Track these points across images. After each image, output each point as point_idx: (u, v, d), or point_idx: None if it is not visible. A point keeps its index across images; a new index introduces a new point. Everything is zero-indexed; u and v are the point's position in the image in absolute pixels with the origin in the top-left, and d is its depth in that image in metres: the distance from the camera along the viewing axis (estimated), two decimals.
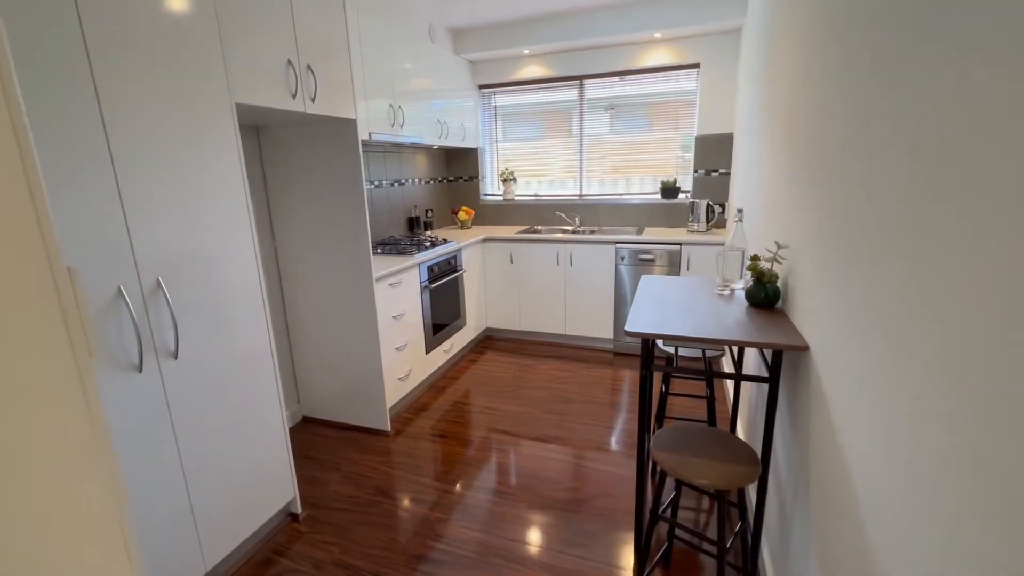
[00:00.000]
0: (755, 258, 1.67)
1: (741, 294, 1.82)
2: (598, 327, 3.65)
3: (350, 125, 2.27)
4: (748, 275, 1.69)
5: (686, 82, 3.64)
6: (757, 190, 2.21)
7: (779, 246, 1.59)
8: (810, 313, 1.31)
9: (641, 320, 1.53)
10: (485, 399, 2.99)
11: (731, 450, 1.37)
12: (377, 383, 2.57)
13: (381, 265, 2.66)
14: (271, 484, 1.87)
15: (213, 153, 1.54)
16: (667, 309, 1.64)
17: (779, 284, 1.64)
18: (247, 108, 1.79)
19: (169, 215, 1.42)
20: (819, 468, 1.16)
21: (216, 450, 1.62)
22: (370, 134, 2.77)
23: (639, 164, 3.91)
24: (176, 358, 1.45)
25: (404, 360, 2.81)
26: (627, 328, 1.46)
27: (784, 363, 1.55)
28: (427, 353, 3.06)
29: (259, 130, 2.44)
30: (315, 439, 2.60)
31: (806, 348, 1.30)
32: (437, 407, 2.91)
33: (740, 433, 2.26)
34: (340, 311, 2.54)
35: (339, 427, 2.71)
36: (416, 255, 2.91)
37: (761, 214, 2.04)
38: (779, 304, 1.64)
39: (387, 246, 3.13)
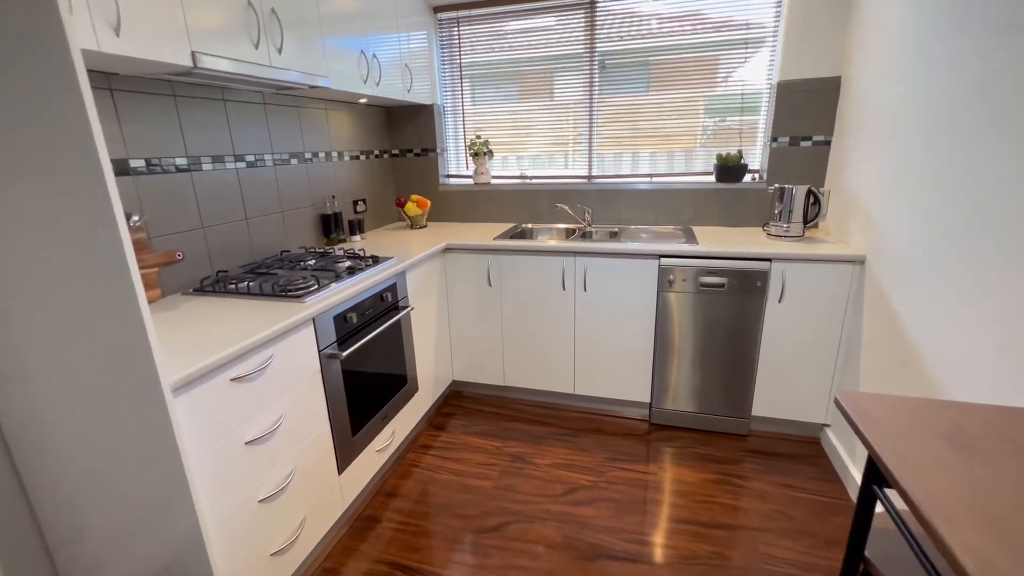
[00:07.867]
0: None
1: None
2: (627, 387, 2.34)
3: (49, 16, 0.84)
4: None
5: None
6: None
7: None
8: None
9: None
10: (447, 552, 1.65)
11: None
12: None
13: (215, 333, 1.26)
14: None
15: None
16: None
17: None
18: None
19: None
20: None
21: None
22: (195, 55, 1.33)
23: (672, 134, 2.57)
24: None
25: (283, 515, 1.43)
26: None
27: None
28: (341, 473, 1.69)
29: None
30: None
31: None
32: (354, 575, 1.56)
33: None
34: (110, 444, 1.14)
35: None
36: (308, 299, 1.51)
37: None
38: None
39: (263, 277, 1.72)
